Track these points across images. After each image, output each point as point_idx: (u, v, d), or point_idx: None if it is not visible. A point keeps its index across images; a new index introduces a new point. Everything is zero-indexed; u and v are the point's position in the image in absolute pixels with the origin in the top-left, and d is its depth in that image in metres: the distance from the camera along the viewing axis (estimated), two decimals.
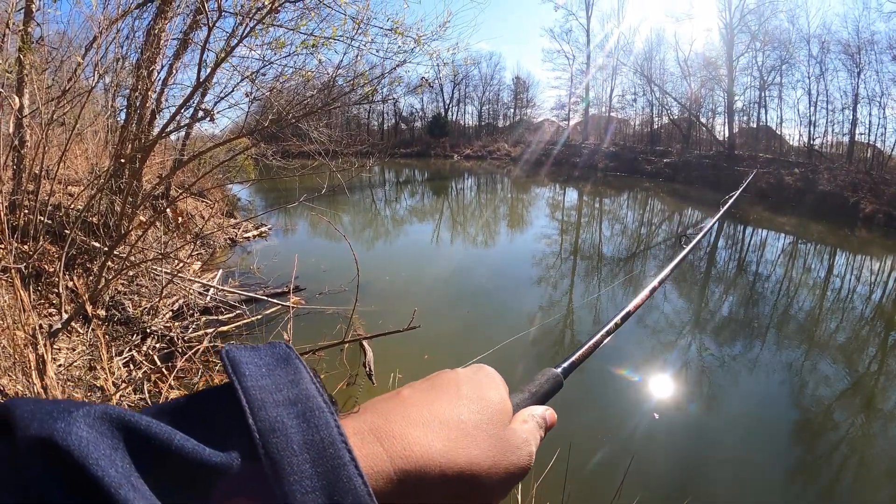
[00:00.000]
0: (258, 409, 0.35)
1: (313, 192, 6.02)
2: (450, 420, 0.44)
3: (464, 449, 0.43)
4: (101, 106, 8.46)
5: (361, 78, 5.94)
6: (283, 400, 0.36)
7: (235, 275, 7.96)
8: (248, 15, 4.70)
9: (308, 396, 0.37)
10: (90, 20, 5.63)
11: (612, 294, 9.34)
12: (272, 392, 0.36)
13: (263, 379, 0.37)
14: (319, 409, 0.36)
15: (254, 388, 0.36)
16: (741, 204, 20.42)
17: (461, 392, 0.48)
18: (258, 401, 0.35)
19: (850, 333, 7.92)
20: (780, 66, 29.03)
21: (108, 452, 0.29)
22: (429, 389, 0.48)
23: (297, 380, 0.38)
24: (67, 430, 0.28)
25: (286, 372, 0.39)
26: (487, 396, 0.49)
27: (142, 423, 0.31)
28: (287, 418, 0.35)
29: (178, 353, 5.21)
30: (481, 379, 0.52)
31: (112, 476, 0.28)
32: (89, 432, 0.29)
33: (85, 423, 0.29)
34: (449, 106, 48.17)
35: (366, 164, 8.05)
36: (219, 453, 0.32)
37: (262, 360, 0.39)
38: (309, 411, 0.36)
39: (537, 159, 36.71)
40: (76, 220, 5.25)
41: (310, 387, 0.38)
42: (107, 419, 0.30)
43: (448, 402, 0.46)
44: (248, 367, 0.38)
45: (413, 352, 5.71)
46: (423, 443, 0.41)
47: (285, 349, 0.41)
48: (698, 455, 4.58)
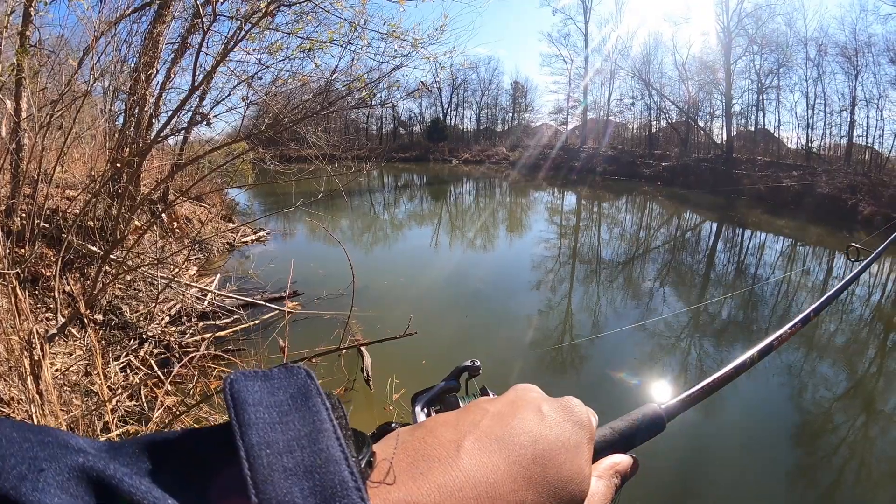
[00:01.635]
0: (263, 480, 0.27)
1: (311, 196, 5.99)
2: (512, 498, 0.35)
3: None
4: (99, 110, 8.45)
5: (358, 81, 5.93)
6: (295, 466, 0.28)
7: (233, 280, 7.94)
8: (244, 19, 4.70)
9: (328, 462, 0.29)
10: (86, 24, 5.61)
11: (611, 299, 9.34)
12: (283, 454, 0.29)
13: (274, 430, 0.30)
14: (343, 485, 0.28)
15: (260, 447, 0.28)
16: (739, 207, 20.45)
17: (536, 461, 0.38)
18: (264, 468, 0.28)
19: (850, 335, 7.91)
20: (778, 69, 29.16)
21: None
22: (496, 444, 0.38)
23: (317, 434, 0.30)
24: (33, 497, 0.23)
25: (303, 419, 0.31)
26: (566, 472, 0.39)
27: (124, 487, 0.26)
28: (300, 497, 0.27)
29: (175, 359, 5.19)
30: (566, 437, 0.42)
31: None
32: (60, 498, 0.24)
33: (57, 486, 0.24)
34: (447, 110, 48.29)
35: (363, 168, 8.04)
36: None
37: (275, 397, 0.32)
38: (330, 486, 0.28)
39: (535, 163, 36.71)
40: (73, 225, 5.23)
41: (332, 446, 0.30)
42: (83, 479, 0.25)
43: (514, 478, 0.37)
44: (256, 410, 0.30)
45: (411, 357, 5.69)
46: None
47: (304, 380, 0.33)
48: (698, 458, 4.57)
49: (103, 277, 5.12)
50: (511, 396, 0.45)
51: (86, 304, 4.81)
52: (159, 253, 6.89)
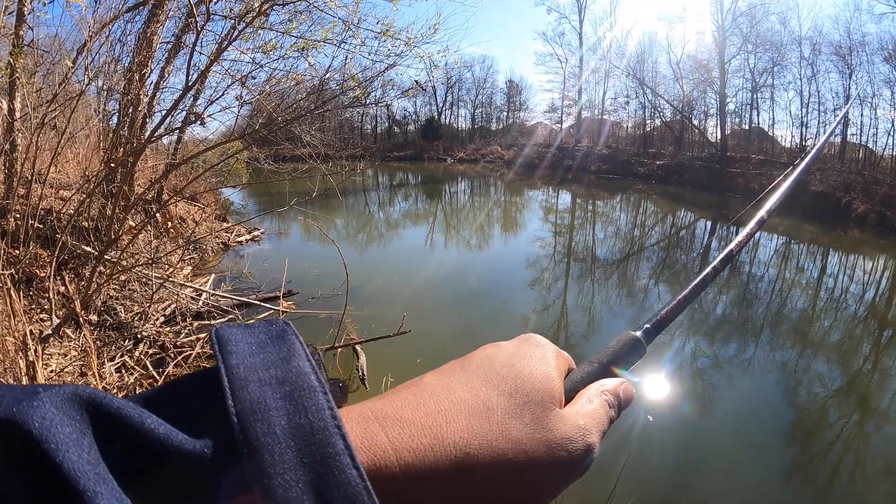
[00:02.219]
0: (240, 388, 0.31)
1: (306, 195, 5.99)
2: (473, 407, 0.38)
3: (487, 440, 0.36)
4: (93, 110, 8.43)
5: (352, 80, 5.93)
6: (269, 378, 0.32)
7: (227, 279, 7.93)
8: (238, 18, 4.69)
9: (299, 374, 0.32)
10: (80, 23, 5.59)
11: (605, 298, 9.35)
12: (258, 370, 0.32)
13: (252, 357, 0.33)
14: (311, 389, 0.31)
15: (238, 366, 0.32)
16: (733, 205, 20.50)
17: (493, 369, 0.42)
18: (241, 379, 0.31)
19: (844, 333, 7.95)
20: (772, 68, 29.19)
21: (73, 436, 0.26)
22: (456, 371, 0.42)
23: (290, 356, 0.34)
24: (29, 412, 0.26)
25: (278, 349, 0.34)
26: (527, 373, 0.42)
27: (113, 405, 0.29)
28: (272, 399, 0.30)
29: (170, 359, 5.19)
30: (524, 353, 0.44)
31: (73, 462, 0.25)
32: (55, 413, 0.26)
33: (51, 404, 0.27)
34: (442, 109, 48.27)
35: (358, 168, 8.03)
36: (191, 439, 0.29)
37: (255, 337, 0.35)
38: (298, 391, 0.31)
39: (530, 162, 36.66)
40: (67, 225, 5.22)
41: (303, 364, 0.33)
42: (76, 400, 0.28)
43: (475, 386, 0.40)
44: (237, 345, 0.34)
45: (406, 355, 5.69)
46: (436, 433, 0.35)
47: (282, 325, 0.37)
48: (693, 456, 4.58)
49: (98, 278, 5.11)
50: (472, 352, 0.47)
51: (80, 305, 4.80)
52: (154, 253, 6.87)
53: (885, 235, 16.07)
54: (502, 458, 0.36)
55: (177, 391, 0.33)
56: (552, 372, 0.44)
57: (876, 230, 16.71)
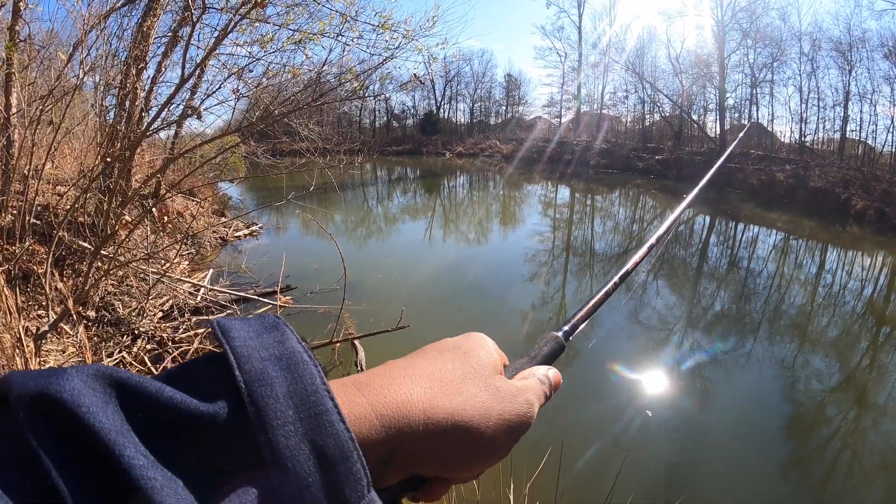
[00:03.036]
0: (244, 362, 0.36)
1: (304, 190, 5.98)
2: (433, 372, 0.46)
3: (448, 395, 0.44)
4: (89, 104, 8.39)
5: (349, 73, 5.90)
6: (268, 356, 0.37)
7: (225, 274, 7.92)
8: (234, 10, 4.66)
9: (293, 352, 0.38)
10: (75, 17, 5.56)
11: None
12: (259, 349, 0.37)
13: (251, 340, 0.38)
14: (304, 363, 0.37)
15: (242, 346, 0.37)
16: (732, 201, 20.50)
17: (445, 349, 0.51)
18: (245, 356, 0.36)
19: (842, 329, 7.95)
20: (772, 63, 29.18)
21: (100, 404, 0.31)
22: (416, 353, 0.51)
23: (284, 340, 0.39)
24: (60, 384, 0.30)
25: (273, 335, 0.39)
26: (473, 352, 0.51)
27: (132, 380, 0.33)
28: (272, 370, 0.36)
29: (168, 354, 5.18)
30: (469, 341, 0.53)
31: (104, 423, 0.30)
32: (82, 386, 0.31)
33: (79, 379, 0.31)
34: (441, 103, 48.22)
35: (356, 162, 8.01)
36: (206, 404, 0.34)
37: (252, 326, 0.40)
38: (294, 364, 0.37)
39: (529, 157, 36.62)
40: (64, 220, 5.20)
41: (295, 346, 0.39)
42: (99, 375, 0.32)
43: (432, 358, 0.49)
44: (238, 331, 0.39)
45: (404, 350, 5.58)
46: (404, 390, 0.43)
47: (274, 318, 0.42)
48: (692, 452, 4.58)
49: (95, 273, 5.09)
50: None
51: (77, 301, 4.79)
52: (151, 248, 6.85)
53: (884, 232, 16.06)
54: (460, 409, 0.44)
55: (185, 370, 0.38)
56: (493, 351, 0.53)
57: (875, 227, 16.71)
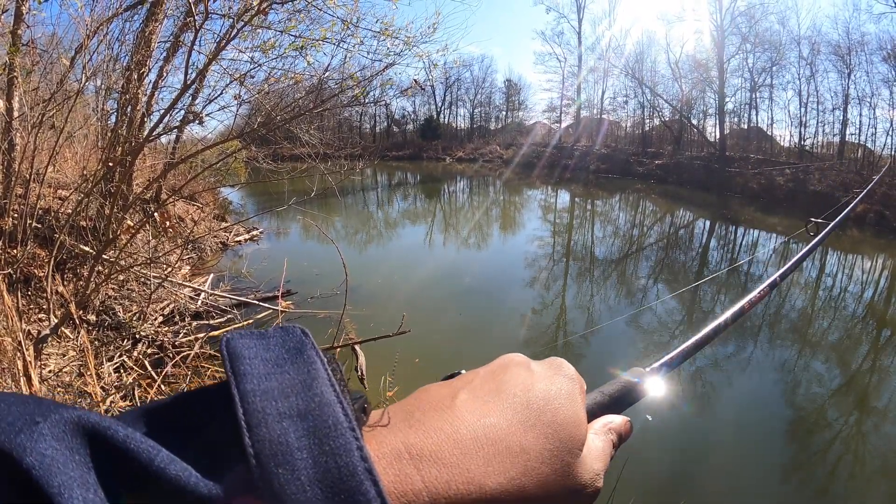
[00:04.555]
0: (257, 424, 0.28)
1: (305, 195, 5.98)
2: (510, 448, 0.36)
3: (520, 488, 0.35)
4: (91, 109, 8.42)
5: (351, 80, 5.92)
6: (289, 410, 0.29)
7: (226, 279, 7.92)
8: (237, 17, 4.68)
9: (322, 404, 0.30)
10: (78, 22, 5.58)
11: (604, 297, 9.35)
12: (277, 399, 0.29)
13: (269, 380, 0.30)
14: (336, 425, 0.29)
15: (254, 394, 0.29)
16: (732, 204, 20.51)
17: (531, 407, 0.40)
18: (258, 412, 0.28)
19: (843, 332, 7.95)
20: (771, 67, 29.23)
21: (75, 474, 0.24)
22: (490, 394, 0.40)
23: (311, 381, 0.31)
24: (28, 447, 0.24)
25: (297, 369, 0.32)
26: (563, 417, 0.41)
27: (119, 437, 0.26)
28: (294, 438, 0.28)
29: (168, 359, 5.18)
30: (559, 387, 0.43)
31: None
32: (55, 449, 0.24)
33: (52, 437, 0.25)
34: (441, 108, 48.30)
35: (356, 167, 8.03)
36: (205, 482, 0.27)
37: (270, 352, 0.32)
38: (323, 427, 0.28)
39: (529, 161, 36.61)
40: (65, 224, 5.21)
41: (325, 391, 0.31)
42: (78, 431, 0.26)
43: (511, 421, 0.38)
44: (251, 363, 0.31)
45: (405, 355, 5.68)
46: (472, 477, 0.33)
47: (299, 337, 0.34)
48: (692, 456, 4.58)
49: (96, 277, 5.09)
50: (498, 361, 0.46)
51: (78, 305, 4.79)
52: (152, 252, 6.86)
53: (884, 235, 16.07)
54: (529, 501, 0.36)
55: (184, 412, 0.31)
56: (582, 414, 0.43)
57: (874, 229, 16.72)
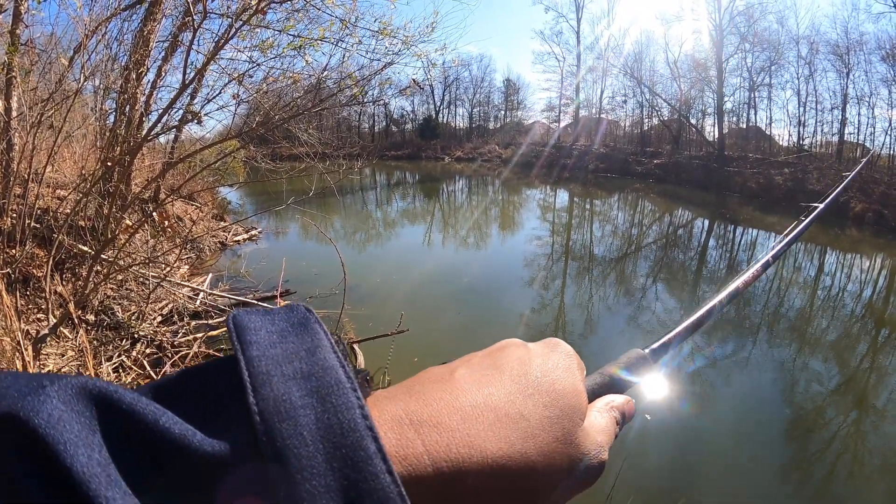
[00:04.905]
0: (262, 384, 0.29)
1: (303, 194, 5.99)
2: (510, 414, 0.36)
3: (521, 453, 0.35)
4: (90, 108, 8.41)
5: (349, 79, 5.92)
6: (293, 372, 0.30)
7: (225, 279, 7.91)
8: (235, 16, 4.68)
9: (326, 368, 0.31)
10: (77, 22, 5.58)
11: (603, 296, 9.35)
12: (281, 363, 0.30)
13: (273, 348, 0.31)
14: (339, 385, 0.30)
15: (259, 359, 0.30)
16: (731, 204, 20.52)
17: (529, 378, 0.40)
18: (263, 374, 0.29)
19: (841, 331, 7.95)
20: (770, 67, 29.22)
21: (82, 434, 0.25)
22: (488, 369, 0.40)
23: (315, 348, 0.32)
24: (35, 408, 0.24)
25: (302, 339, 0.33)
26: (561, 386, 0.41)
27: (125, 400, 0.27)
28: (297, 396, 0.28)
29: (167, 359, 5.17)
30: (556, 361, 0.43)
31: (82, 464, 0.23)
32: (62, 410, 0.25)
33: (59, 399, 0.25)
34: (440, 108, 48.28)
35: (355, 166, 8.02)
36: (210, 440, 0.27)
37: (275, 325, 0.33)
38: (325, 387, 0.29)
39: (528, 161, 36.63)
40: (64, 224, 5.21)
41: (329, 356, 0.32)
42: (84, 394, 0.26)
43: (510, 390, 0.38)
44: (257, 333, 0.32)
45: (403, 354, 5.68)
46: (473, 441, 0.33)
47: (303, 312, 0.35)
48: (691, 455, 4.58)
49: (94, 277, 5.09)
50: (496, 344, 0.46)
51: (77, 305, 4.79)
52: (151, 252, 6.85)
53: (883, 234, 16.09)
54: (534, 469, 0.36)
55: (191, 382, 0.31)
56: (580, 386, 0.44)
57: (873, 229, 16.73)
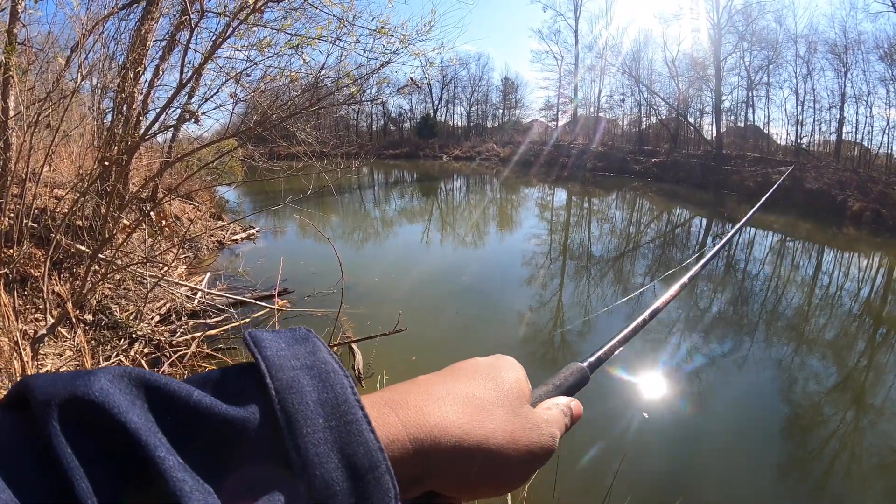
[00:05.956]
0: (276, 370, 0.36)
1: (301, 194, 5.98)
2: (466, 396, 0.45)
3: (479, 422, 0.44)
4: (87, 108, 8.39)
5: (347, 78, 5.92)
6: (299, 365, 0.37)
7: (223, 278, 7.91)
8: (233, 15, 4.67)
9: (324, 362, 0.38)
10: (74, 21, 5.57)
11: (601, 295, 9.35)
12: (290, 359, 0.38)
13: (283, 351, 0.38)
14: (334, 372, 0.38)
15: (273, 356, 0.37)
16: (729, 203, 20.54)
17: (478, 373, 0.49)
18: (276, 365, 0.36)
19: (839, 330, 7.97)
20: (768, 66, 29.28)
21: (128, 404, 0.30)
22: (446, 373, 0.50)
23: (315, 351, 0.39)
24: (89, 385, 0.30)
25: (305, 347, 0.40)
26: (504, 376, 0.50)
27: (161, 381, 0.33)
28: (303, 379, 0.36)
29: (165, 358, 5.17)
30: (500, 364, 0.52)
31: (135, 422, 0.30)
32: (110, 386, 0.31)
33: (106, 379, 0.31)
34: (438, 107, 48.18)
35: (353, 165, 8.01)
36: (237, 408, 0.34)
37: (283, 338, 0.40)
38: (324, 374, 0.37)
39: (526, 160, 36.67)
40: (61, 224, 5.20)
41: (326, 356, 0.39)
42: (125, 376, 0.32)
43: (464, 382, 0.47)
44: (270, 342, 0.39)
45: (401, 353, 5.69)
46: (437, 413, 0.42)
47: (304, 331, 0.42)
48: (689, 453, 4.59)
49: (92, 277, 5.09)
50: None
51: (75, 304, 4.78)
52: (148, 252, 6.83)
53: (880, 233, 16.12)
54: (490, 437, 0.43)
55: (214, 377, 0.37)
56: (523, 378, 0.52)
57: (871, 228, 16.76)
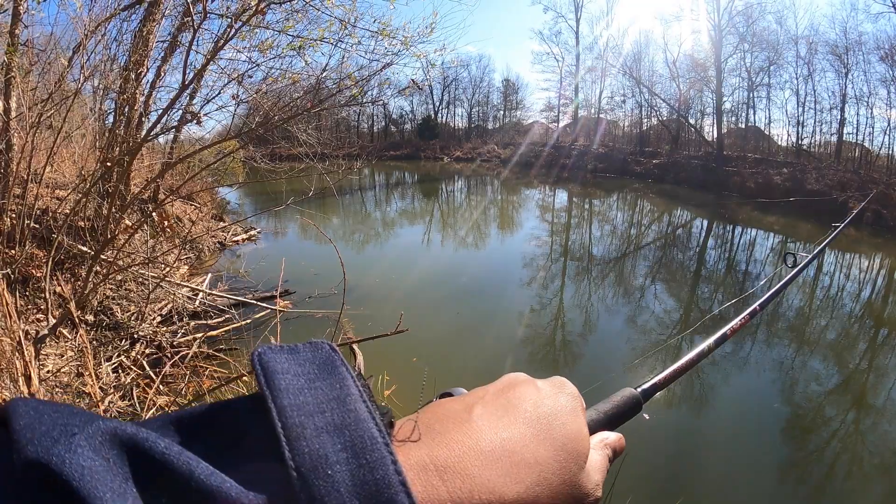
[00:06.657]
0: (296, 437, 0.29)
1: (302, 195, 5.99)
2: (526, 459, 0.38)
3: (535, 497, 0.37)
4: (89, 109, 8.40)
5: (349, 79, 5.93)
6: (326, 425, 0.30)
7: (224, 279, 7.91)
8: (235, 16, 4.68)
9: (358, 421, 0.31)
10: (76, 22, 5.58)
11: (602, 296, 9.35)
12: (314, 414, 0.31)
13: (303, 394, 0.32)
14: (372, 440, 0.30)
15: (291, 408, 0.30)
16: (730, 204, 20.52)
17: (540, 421, 0.42)
18: (296, 426, 0.29)
19: (840, 331, 7.96)
20: (769, 67, 29.25)
21: (114, 485, 0.25)
22: (502, 410, 0.42)
23: (344, 396, 0.33)
24: (66, 457, 0.24)
25: (330, 384, 0.33)
26: (569, 430, 0.43)
27: (157, 449, 0.27)
28: (332, 451, 0.29)
29: (167, 359, 5.17)
30: (564, 403, 0.46)
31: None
32: (93, 460, 0.25)
33: (89, 448, 0.25)
34: (439, 108, 48.23)
35: (354, 167, 8.02)
36: (247, 493, 0.27)
37: (302, 367, 0.34)
38: (360, 442, 0.30)
39: (527, 161, 36.70)
40: (63, 225, 5.21)
41: (359, 406, 0.32)
42: (116, 442, 0.26)
43: (524, 434, 0.40)
44: (285, 377, 0.32)
45: (402, 354, 5.69)
46: (493, 487, 0.35)
47: (328, 352, 0.36)
48: (689, 454, 4.59)
49: (94, 277, 5.09)
50: (504, 380, 0.47)
51: (76, 305, 4.78)
52: (150, 252, 6.84)
53: (881, 233, 16.09)
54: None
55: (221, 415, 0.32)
56: (585, 430, 0.46)
57: (872, 228, 16.73)
